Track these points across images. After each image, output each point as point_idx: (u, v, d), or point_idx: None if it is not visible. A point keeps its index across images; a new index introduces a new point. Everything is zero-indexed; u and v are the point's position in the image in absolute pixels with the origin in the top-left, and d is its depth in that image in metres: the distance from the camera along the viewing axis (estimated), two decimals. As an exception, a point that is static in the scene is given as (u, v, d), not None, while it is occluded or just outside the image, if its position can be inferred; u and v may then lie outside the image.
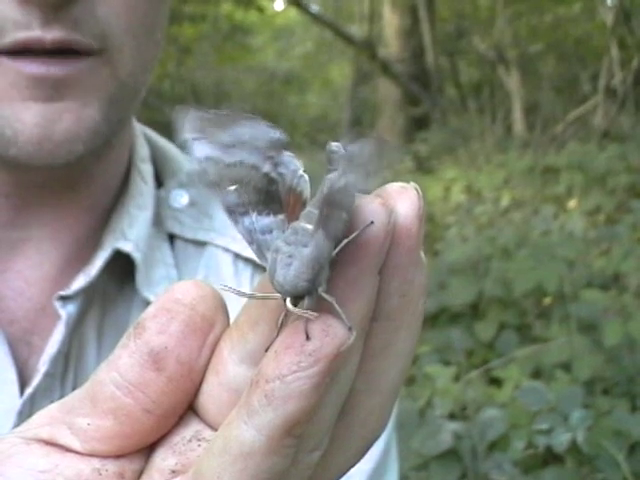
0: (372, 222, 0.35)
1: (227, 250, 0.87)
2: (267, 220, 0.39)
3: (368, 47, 8.91)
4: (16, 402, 0.76)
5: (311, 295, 0.35)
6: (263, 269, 0.84)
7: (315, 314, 0.34)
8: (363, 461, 0.42)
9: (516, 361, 2.95)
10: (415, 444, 2.38)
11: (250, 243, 0.39)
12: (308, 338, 0.34)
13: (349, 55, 10.41)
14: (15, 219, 0.80)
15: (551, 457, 2.43)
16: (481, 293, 3.52)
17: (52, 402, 0.42)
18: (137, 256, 0.82)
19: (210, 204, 0.89)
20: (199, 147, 0.40)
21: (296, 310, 0.34)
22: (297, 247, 0.35)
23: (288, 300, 0.35)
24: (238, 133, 0.40)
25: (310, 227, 0.36)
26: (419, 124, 8.70)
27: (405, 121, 8.92)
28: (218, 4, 9.68)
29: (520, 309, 3.45)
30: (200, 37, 9.54)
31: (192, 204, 0.89)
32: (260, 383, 0.34)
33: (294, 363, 0.34)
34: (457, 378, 2.87)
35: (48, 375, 0.77)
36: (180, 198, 0.89)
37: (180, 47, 8.99)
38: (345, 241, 0.35)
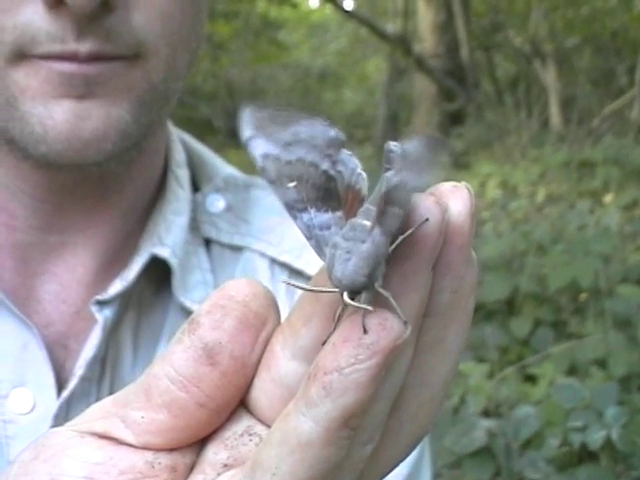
0: (427, 219, 0.36)
1: (264, 255, 0.87)
2: (325, 216, 0.39)
3: (403, 43, 8.90)
4: (53, 406, 0.77)
5: (368, 290, 0.35)
6: (299, 274, 0.84)
7: (372, 308, 0.35)
8: (400, 465, 0.43)
9: (551, 358, 2.94)
10: (449, 442, 2.38)
11: (309, 238, 0.39)
12: (365, 332, 0.35)
13: (384, 51, 10.40)
14: (51, 223, 0.80)
15: (586, 454, 2.42)
16: (516, 289, 3.50)
17: (89, 406, 0.43)
18: (174, 262, 0.82)
19: (247, 209, 0.90)
20: (258, 145, 0.41)
21: (354, 304, 0.35)
22: (355, 243, 0.35)
23: (345, 294, 0.35)
24: (297, 131, 0.41)
25: (368, 224, 0.36)
26: (455, 119, 8.68)
27: (441, 116, 8.91)
28: (253, 1, 9.70)
29: (555, 305, 3.43)
30: (234, 34, 9.57)
31: (229, 209, 0.89)
32: (318, 375, 0.35)
33: (352, 356, 0.34)
34: (491, 375, 2.86)
35: (84, 379, 0.78)
36: (217, 203, 0.89)
37: (214, 44, 9.02)
38: (401, 237, 0.36)
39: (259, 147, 0.41)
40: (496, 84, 9.32)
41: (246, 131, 0.41)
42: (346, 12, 9.77)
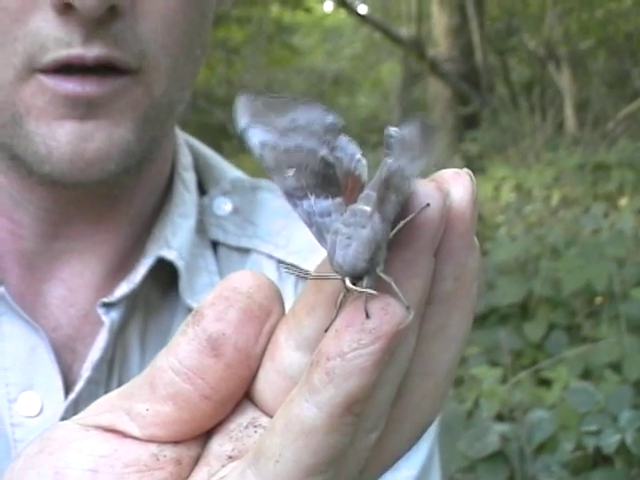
0: (428, 204, 0.36)
1: (271, 257, 0.87)
2: (325, 203, 0.40)
3: (417, 47, 8.89)
4: (61, 409, 0.77)
5: (370, 275, 0.35)
6: (306, 274, 0.84)
7: (375, 292, 0.35)
8: (408, 467, 0.43)
9: (565, 361, 2.93)
10: (462, 446, 2.38)
11: (309, 226, 0.39)
12: (368, 317, 0.35)
13: (398, 55, 10.40)
14: (56, 232, 0.81)
15: (600, 459, 2.41)
16: (530, 293, 3.49)
17: None
18: (180, 264, 0.82)
19: (254, 211, 0.90)
20: (256, 133, 0.41)
21: (356, 289, 0.35)
22: (356, 228, 0.36)
23: (347, 280, 0.35)
24: (294, 118, 0.41)
25: (368, 209, 0.36)
26: (469, 123, 8.66)
27: (455, 120, 8.89)
28: (266, 6, 9.71)
29: (569, 309, 3.43)
30: (248, 40, 9.58)
31: (235, 211, 0.89)
32: (321, 361, 0.35)
33: (355, 341, 0.35)
34: (504, 379, 2.85)
35: (91, 381, 0.78)
36: (223, 205, 0.89)
37: (228, 49, 9.03)
38: (402, 223, 0.36)
39: (256, 135, 0.41)
40: (510, 87, 9.29)
41: (242, 119, 0.41)
42: (360, 16, 9.78)
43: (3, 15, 0.71)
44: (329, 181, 0.40)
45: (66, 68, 0.71)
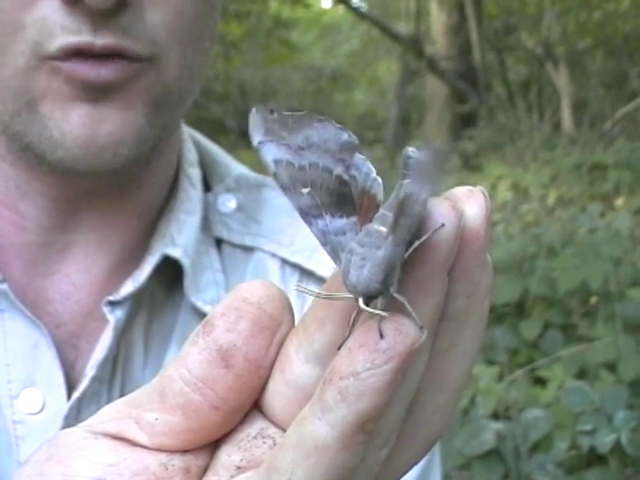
0: (442, 224, 0.36)
1: (274, 256, 0.87)
2: (340, 222, 0.39)
3: (414, 44, 8.89)
4: (63, 406, 0.77)
5: (383, 295, 0.35)
6: (310, 275, 0.83)
7: (387, 313, 0.35)
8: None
9: (561, 361, 2.93)
10: (458, 443, 2.38)
11: (324, 244, 0.39)
12: (381, 337, 0.35)
13: (396, 52, 10.40)
14: (64, 222, 0.80)
15: (595, 458, 2.41)
16: (526, 292, 3.49)
17: (99, 407, 0.43)
18: (186, 262, 0.82)
19: (258, 209, 0.89)
20: (270, 149, 0.41)
21: (369, 310, 0.35)
22: (370, 249, 0.35)
23: (360, 300, 0.35)
24: (309, 135, 0.41)
25: (383, 229, 0.36)
26: (466, 121, 8.67)
27: (452, 118, 8.90)
28: (265, 1, 9.70)
29: (565, 308, 3.43)
30: (246, 35, 9.56)
31: (240, 209, 0.88)
32: (334, 380, 0.35)
33: (368, 361, 0.34)
34: (500, 378, 2.85)
35: (95, 379, 0.77)
36: (228, 203, 0.88)
37: (226, 44, 9.01)
38: (417, 243, 0.36)
39: (270, 152, 0.41)
40: (508, 86, 9.30)
41: (256, 136, 0.41)
42: (358, 13, 9.78)
43: (10, 2, 0.71)
44: (344, 200, 0.40)
45: (75, 54, 0.70)
